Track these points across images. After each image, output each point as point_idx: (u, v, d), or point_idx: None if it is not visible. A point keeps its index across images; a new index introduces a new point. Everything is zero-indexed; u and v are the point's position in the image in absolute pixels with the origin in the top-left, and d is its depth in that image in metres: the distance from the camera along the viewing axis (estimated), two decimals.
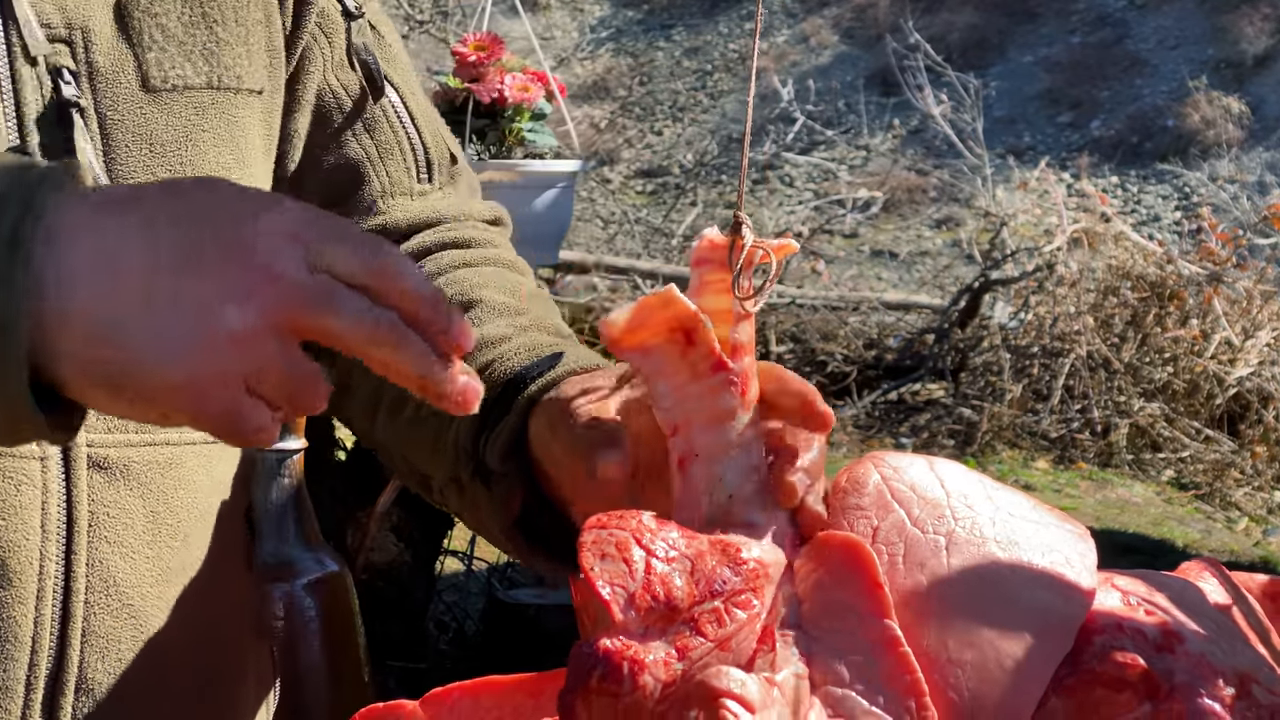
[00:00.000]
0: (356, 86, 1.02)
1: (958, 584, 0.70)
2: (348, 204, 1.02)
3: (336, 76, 1.02)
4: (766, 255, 0.73)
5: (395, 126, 1.03)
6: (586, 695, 0.61)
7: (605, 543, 0.65)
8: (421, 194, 1.05)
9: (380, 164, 1.02)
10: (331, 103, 1.01)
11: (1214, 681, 0.69)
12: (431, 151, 1.06)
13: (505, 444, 0.88)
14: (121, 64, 0.88)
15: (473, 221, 1.07)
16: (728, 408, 0.73)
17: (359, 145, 1.02)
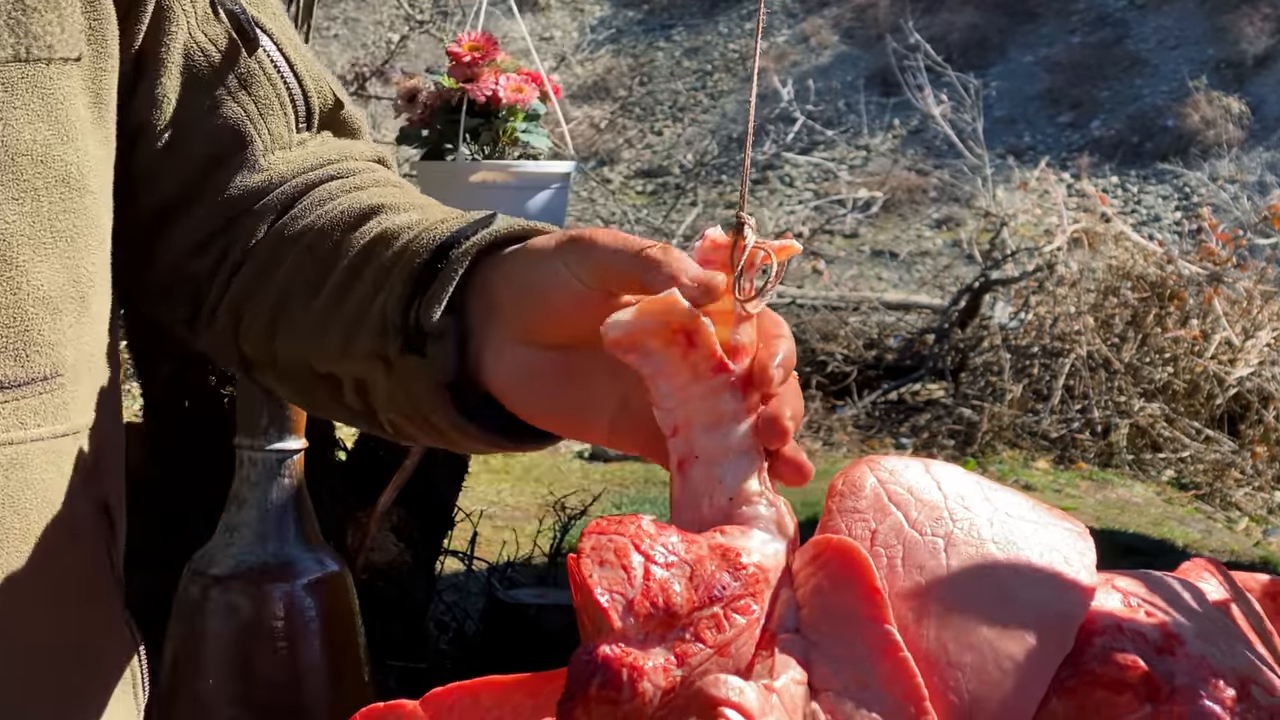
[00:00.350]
0: (226, 40, 0.96)
1: (957, 585, 0.70)
2: (228, 164, 0.97)
3: (204, 32, 0.96)
4: (768, 256, 0.73)
5: (274, 79, 0.98)
6: (586, 702, 0.61)
7: (604, 548, 0.65)
8: (300, 143, 1.00)
9: (261, 121, 0.97)
10: (201, 61, 0.96)
11: (1214, 683, 0.69)
12: (313, 99, 1.00)
13: (446, 296, 0.83)
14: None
15: (354, 160, 1.02)
16: (729, 409, 0.73)
17: (237, 104, 0.96)
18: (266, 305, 0.94)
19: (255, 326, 0.95)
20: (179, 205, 0.97)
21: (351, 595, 2.09)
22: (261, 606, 1.97)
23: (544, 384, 0.82)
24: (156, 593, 2.49)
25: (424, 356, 0.84)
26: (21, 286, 0.85)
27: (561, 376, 0.81)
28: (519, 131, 2.64)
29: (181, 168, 0.96)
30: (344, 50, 11.94)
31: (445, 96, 2.65)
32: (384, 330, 0.86)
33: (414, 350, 0.84)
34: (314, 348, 0.91)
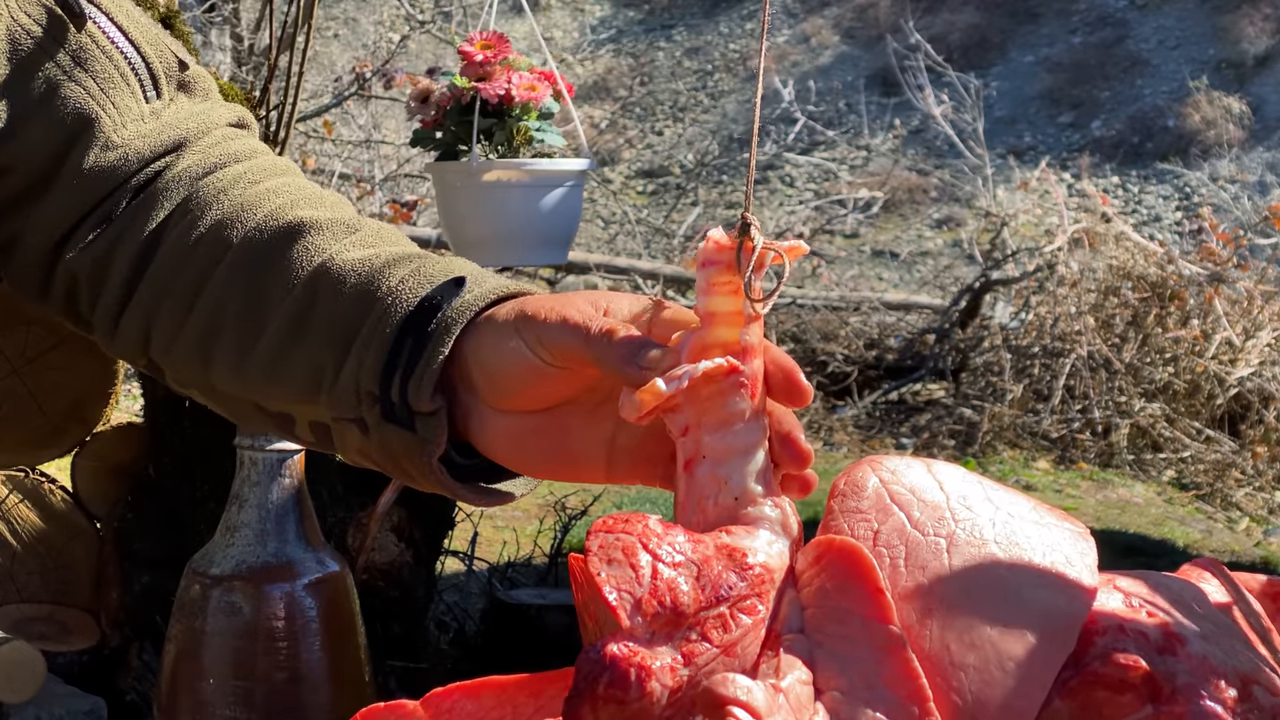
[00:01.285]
0: (49, 19, 0.93)
1: (959, 586, 0.70)
2: (78, 145, 0.94)
3: (26, 12, 0.92)
4: (778, 257, 0.73)
5: (110, 52, 0.95)
6: (594, 701, 0.61)
7: (612, 547, 0.65)
8: (154, 113, 0.97)
9: (104, 97, 0.94)
10: (27, 44, 0.92)
11: (1216, 683, 0.69)
12: (155, 65, 0.97)
13: (433, 383, 0.82)
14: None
15: (221, 131, 0.99)
16: (737, 410, 0.73)
17: (75, 84, 0.93)
18: (190, 331, 0.91)
19: (178, 349, 0.92)
20: (33, 195, 0.94)
21: (352, 595, 2.09)
22: (261, 606, 1.97)
23: (532, 443, 0.82)
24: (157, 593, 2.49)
25: (412, 431, 0.83)
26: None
27: (546, 434, 0.81)
28: (533, 130, 2.64)
29: (27, 156, 0.93)
30: (344, 50, 11.94)
31: (458, 96, 2.65)
32: (358, 398, 0.84)
33: (398, 422, 0.83)
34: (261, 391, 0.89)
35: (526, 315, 0.80)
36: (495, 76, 2.62)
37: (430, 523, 3.22)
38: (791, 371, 0.73)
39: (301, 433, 0.90)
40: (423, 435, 0.83)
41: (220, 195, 0.93)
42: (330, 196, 0.95)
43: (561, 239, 2.73)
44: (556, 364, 0.79)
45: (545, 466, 0.83)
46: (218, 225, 0.91)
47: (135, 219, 0.93)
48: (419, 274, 0.86)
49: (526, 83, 2.62)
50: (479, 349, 0.82)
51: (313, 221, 0.90)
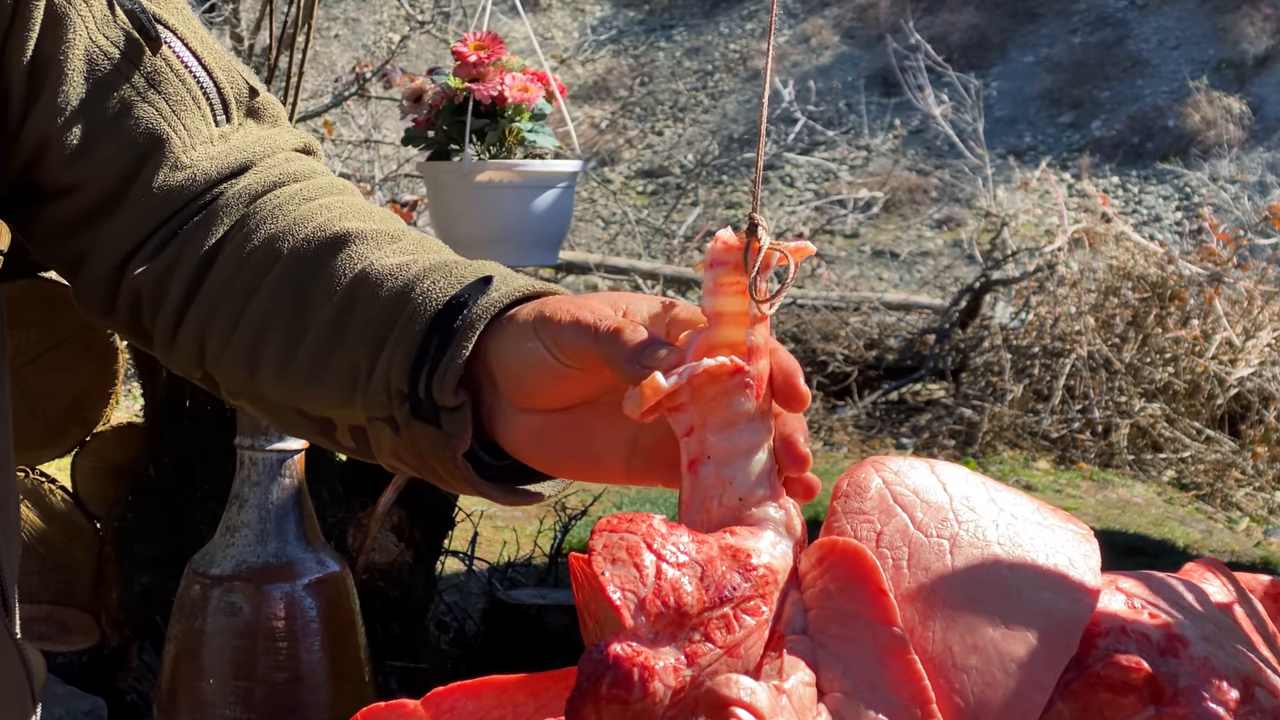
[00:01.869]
0: (127, 41, 0.95)
1: (962, 587, 0.70)
2: (147, 165, 0.96)
3: (104, 35, 0.95)
4: (784, 258, 0.73)
5: (182, 75, 0.97)
6: (596, 701, 0.61)
7: (616, 546, 0.65)
8: (222, 136, 0.99)
9: (175, 119, 0.96)
10: (104, 65, 0.94)
11: (1218, 685, 0.69)
12: (225, 90, 0.99)
13: (456, 376, 0.84)
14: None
15: (285, 154, 1.01)
16: (742, 411, 0.73)
17: (148, 105, 0.95)
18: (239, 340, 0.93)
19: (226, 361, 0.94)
20: (103, 211, 0.96)
21: (352, 595, 2.09)
22: (262, 606, 1.97)
23: (554, 441, 0.83)
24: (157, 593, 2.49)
25: (439, 428, 0.85)
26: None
27: (568, 433, 0.83)
28: (525, 131, 2.64)
29: (99, 174, 0.95)
30: (344, 50, 11.94)
31: (450, 96, 2.65)
32: (389, 396, 0.86)
33: (425, 419, 0.85)
34: (303, 396, 0.91)
35: (544, 316, 0.81)
36: (489, 77, 2.62)
37: (430, 523, 3.22)
38: (791, 375, 0.73)
39: (342, 439, 0.92)
40: (447, 430, 0.84)
41: (275, 212, 0.95)
42: (380, 211, 0.97)
43: (552, 240, 2.73)
44: (571, 364, 0.80)
45: (567, 465, 0.84)
46: (269, 239, 0.93)
47: (195, 236, 0.95)
48: (450, 275, 0.87)
49: (519, 84, 2.62)
50: (500, 348, 0.83)
51: (357, 232, 0.92)
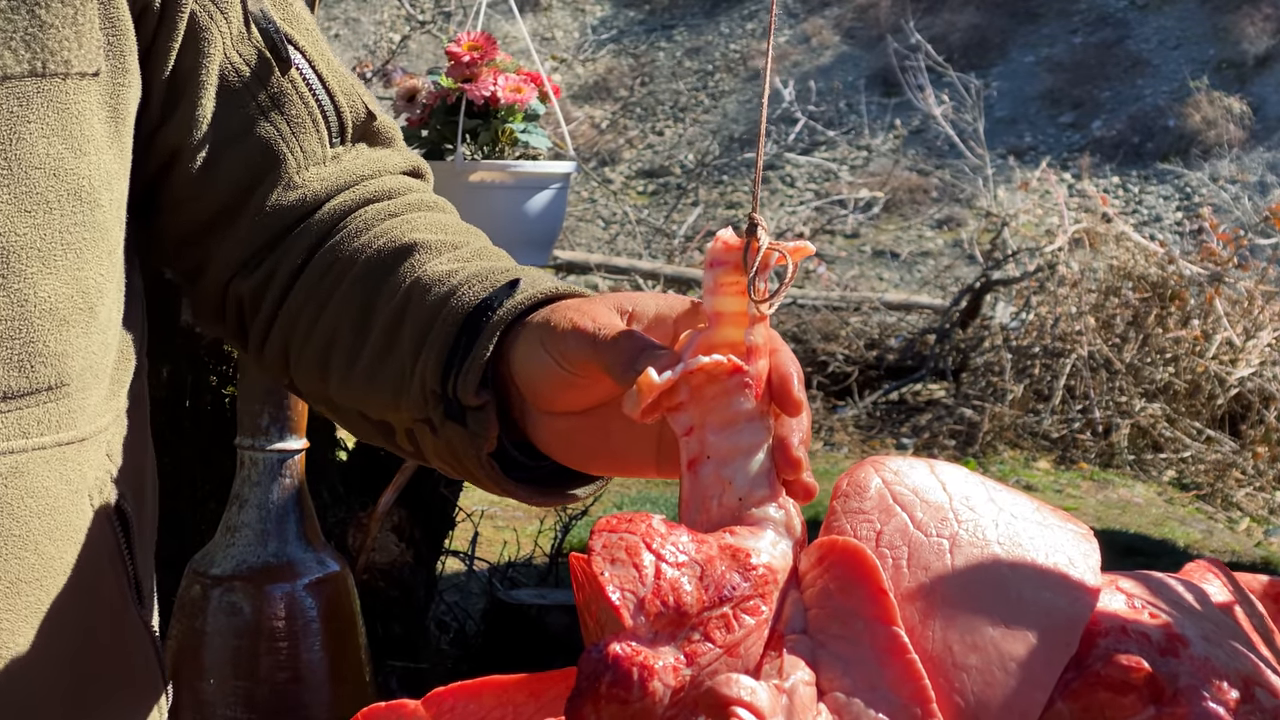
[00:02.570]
0: (259, 59, 0.98)
1: (962, 587, 0.70)
2: (264, 183, 0.99)
3: (238, 52, 0.98)
4: (783, 257, 0.73)
5: (305, 97, 1.00)
6: (596, 701, 0.61)
7: (615, 547, 0.65)
8: (335, 157, 1.02)
9: (294, 140, 0.99)
10: (236, 81, 0.98)
11: (1218, 685, 0.69)
12: (345, 113, 1.02)
13: (478, 375, 0.86)
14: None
15: (388, 175, 1.04)
16: (741, 410, 0.73)
17: (270, 124, 0.99)
18: (314, 345, 0.96)
19: (304, 366, 0.98)
20: (220, 224, 1.00)
21: (352, 595, 2.09)
22: (262, 606, 1.97)
23: (579, 441, 0.85)
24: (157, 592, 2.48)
25: (465, 426, 0.87)
26: (29, 298, 0.86)
27: (591, 434, 0.84)
28: (518, 132, 2.64)
29: (219, 188, 0.98)
30: (345, 50, 11.94)
31: (444, 96, 2.65)
32: (425, 397, 0.89)
33: (456, 419, 0.88)
34: (364, 400, 0.94)
35: (547, 324, 0.83)
36: (482, 78, 2.62)
37: (431, 523, 3.22)
38: (786, 379, 0.73)
39: (401, 442, 0.94)
40: (473, 429, 0.86)
41: (359, 226, 0.99)
42: (458, 225, 1.00)
43: (544, 241, 2.73)
44: (576, 373, 0.81)
45: (596, 463, 0.86)
46: (349, 252, 0.97)
47: (290, 250, 0.99)
48: (487, 280, 0.90)
49: (512, 84, 2.62)
50: (517, 354, 0.85)
51: (422, 242, 0.95)
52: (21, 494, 0.87)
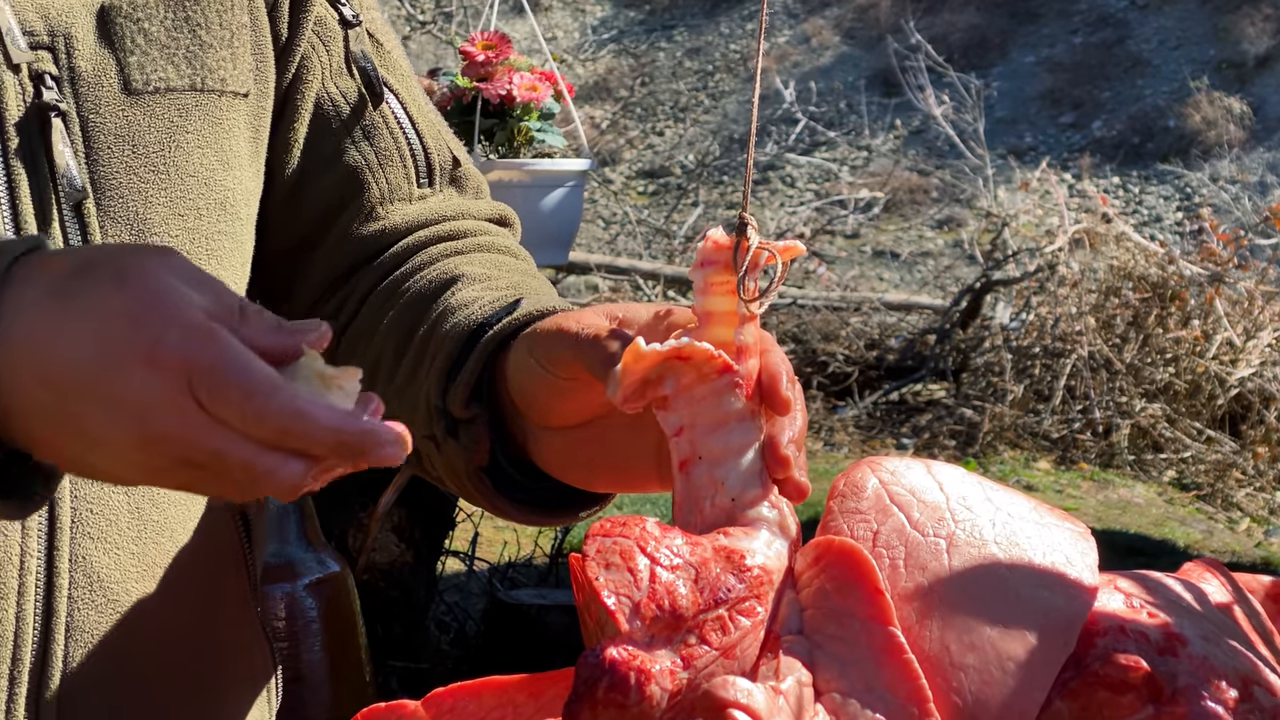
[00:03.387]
0: (355, 93, 1.04)
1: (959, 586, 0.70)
2: (347, 210, 1.04)
3: (335, 84, 1.04)
4: (772, 257, 0.73)
5: (395, 132, 1.05)
6: (593, 706, 0.61)
7: (610, 551, 0.65)
8: (421, 198, 1.06)
9: (379, 170, 1.04)
10: (330, 110, 1.03)
11: (1217, 684, 0.69)
12: (433, 155, 1.07)
13: (467, 387, 0.89)
14: (103, 68, 0.90)
15: (471, 219, 1.08)
16: (732, 410, 0.73)
17: (358, 152, 1.03)
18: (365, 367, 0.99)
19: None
20: (307, 248, 1.05)
21: (353, 595, 2.09)
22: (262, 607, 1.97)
23: (579, 456, 0.87)
24: None
25: (459, 441, 0.91)
26: None
27: (589, 447, 0.86)
28: (533, 130, 2.64)
29: (307, 211, 1.04)
30: None
31: (459, 96, 2.65)
32: (429, 412, 0.92)
33: (453, 434, 0.91)
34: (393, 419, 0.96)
35: (535, 332, 0.85)
36: (497, 77, 2.62)
37: (431, 523, 3.22)
38: (775, 378, 0.73)
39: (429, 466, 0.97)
40: (464, 443, 0.90)
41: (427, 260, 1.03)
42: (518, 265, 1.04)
43: (563, 239, 2.73)
44: (561, 375, 0.82)
45: (597, 478, 0.88)
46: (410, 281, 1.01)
47: (365, 277, 1.04)
48: (496, 301, 0.94)
49: (528, 83, 2.62)
50: (510, 366, 0.88)
51: (469, 274, 0.99)
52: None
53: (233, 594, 1.01)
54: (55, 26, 0.89)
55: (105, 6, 0.91)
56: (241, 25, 0.96)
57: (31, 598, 0.88)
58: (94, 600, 0.90)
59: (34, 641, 0.88)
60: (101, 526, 0.90)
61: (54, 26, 0.89)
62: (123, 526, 0.91)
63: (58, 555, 0.88)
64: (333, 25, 1.03)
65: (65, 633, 0.89)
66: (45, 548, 0.88)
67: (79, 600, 0.89)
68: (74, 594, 0.89)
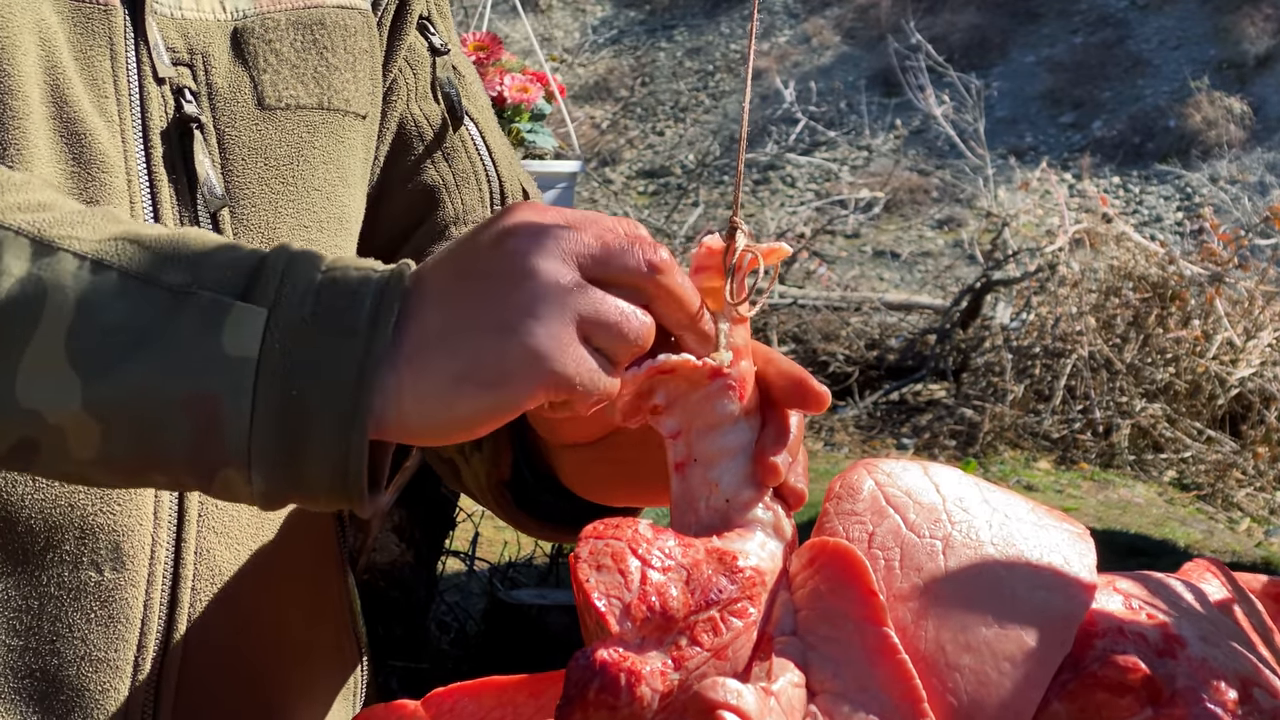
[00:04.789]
0: (438, 117, 1.08)
1: (955, 587, 0.70)
2: (421, 227, 1.06)
3: (420, 107, 1.08)
4: (756, 260, 0.73)
5: (473, 157, 1.09)
6: (584, 707, 0.62)
7: (601, 553, 0.65)
8: None
9: (456, 191, 1.07)
10: (413, 131, 1.07)
11: (1216, 685, 0.69)
12: (506, 184, 1.10)
13: None
14: (238, 85, 0.95)
15: None
16: (726, 413, 0.73)
17: (436, 172, 1.07)
18: None
19: None
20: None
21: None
22: None
23: (594, 472, 0.91)
24: None
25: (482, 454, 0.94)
26: None
27: (604, 464, 0.89)
28: (524, 132, 2.64)
29: (382, 228, 1.07)
30: None
31: None
32: None
33: (477, 447, 0.95)
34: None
35: None
36: (488, 78, 2.62)
37: (431, 523, 3.22)
38: (802, 379, 0.75)
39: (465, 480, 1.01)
40: (487, 455, 0.93)
41: None
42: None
43: None
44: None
45: (614, 493, 0.91)
46: None
47: None
48: None
49: (519, 84, 2.62)
50: None
51: None
52: None
53: (332, 592, 1.04)
54: (194, 45, 0.94)
55: (239, 28, 0.96)
56: (363, 51, 1.01)
57: (159, 587, 0.91)
58: (213, 593, 0.94)
59: (158, 631, 0.91)
60: (225, 522, 0.94)
61: (193, 45, 0.94)
62: (244, 523, 0.95)
63: (184, 547, 0.92)
64: (422, 52, 1.08)
65: (187, 623, 0.93)
66: (174, 540, 0.92)
67: (200, 592, 0.93)
68: (197, 585, 0.93)
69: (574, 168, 2.67)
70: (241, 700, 0.97)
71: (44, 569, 0.88)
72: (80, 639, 0.89)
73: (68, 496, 0.88)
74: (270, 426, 0.69)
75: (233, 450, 0.69)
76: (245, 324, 0.69)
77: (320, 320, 0.69)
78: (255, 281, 0.71)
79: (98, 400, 0.69)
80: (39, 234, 0.72)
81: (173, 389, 0.69)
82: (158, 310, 0.70)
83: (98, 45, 0.90)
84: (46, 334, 0.69)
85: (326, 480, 0.70)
